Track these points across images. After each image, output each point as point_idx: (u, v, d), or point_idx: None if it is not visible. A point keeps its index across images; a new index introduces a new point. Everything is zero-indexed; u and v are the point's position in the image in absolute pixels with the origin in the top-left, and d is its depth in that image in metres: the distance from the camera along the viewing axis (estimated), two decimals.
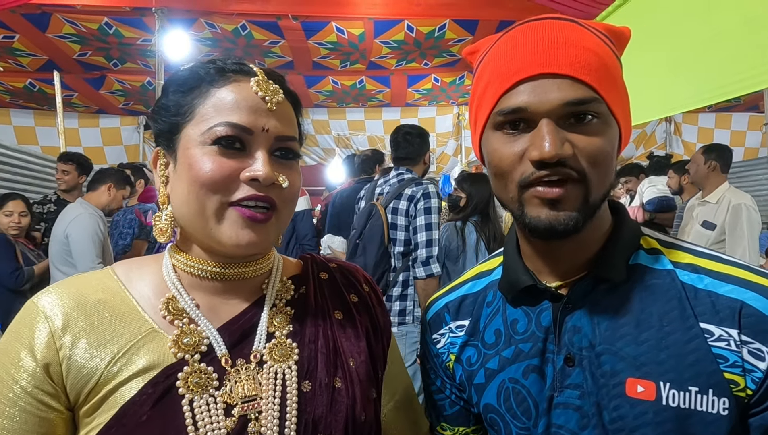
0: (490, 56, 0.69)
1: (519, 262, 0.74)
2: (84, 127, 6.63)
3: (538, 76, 0.62)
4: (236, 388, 0.64)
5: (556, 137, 0.60)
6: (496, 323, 0.76)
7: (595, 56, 0.63)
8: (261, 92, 0.66)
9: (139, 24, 4.56)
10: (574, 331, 0.67)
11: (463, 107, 7.34)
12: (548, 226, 0.63)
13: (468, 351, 0.78)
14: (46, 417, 0.60)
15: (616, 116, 0.66)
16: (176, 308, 0.67)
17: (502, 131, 0.66)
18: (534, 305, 0.72)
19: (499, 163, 0.66)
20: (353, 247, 2.66)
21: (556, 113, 0.62)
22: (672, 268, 0.67)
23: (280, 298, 0.74)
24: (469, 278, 0.85)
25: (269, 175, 0.63)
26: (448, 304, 0.83)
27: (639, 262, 0.69)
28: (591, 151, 0.62)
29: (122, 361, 0.62)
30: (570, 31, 0.64)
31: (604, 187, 0.65)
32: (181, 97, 0.67)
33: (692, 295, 0.64)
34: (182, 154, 0.66)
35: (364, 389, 0.72)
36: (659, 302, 0.65)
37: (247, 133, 0.64)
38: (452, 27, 4.78)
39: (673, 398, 0.61)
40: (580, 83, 0.62)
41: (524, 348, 0.71)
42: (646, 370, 0.63)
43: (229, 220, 0.64)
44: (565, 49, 0.62)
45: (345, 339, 0.74)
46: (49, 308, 0.63)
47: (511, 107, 0.63)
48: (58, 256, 3.08)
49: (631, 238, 0.71)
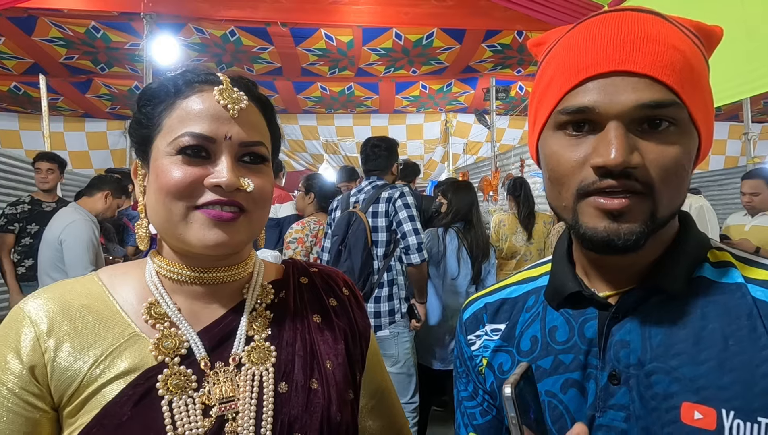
0: (558, 49, 0.62)
1: (568, 268, 0.67)
2: (69, 131, 6.59)
3: (611, 74, 0.55)
4: (214, 389, 0.66)
5: (625, 143, 0.53)
6: (533, 329, 0.69)
7: (680, 54, 0.55)
8: (223, 100, 0.67)
9: (127, 28, 4.55)
10: (621, 345, 0.59)
11: (451, 114, 7.41)
12: (606, 238, 0.56)
13: (501, 357, 0.72)
14: (32, 417, 0.62)
15: (698, 124, 0.57)
16: (158, 313, 0.69)
17: (563, 132, 0.59)
18: (578, 313, 0.65)
19: (557, 168, 0.59)
20: (336, 252, 2.72)
21: (628, 116, 0.54)
22: (744, 282, 0.58)
23: (260, 302, 0.75)
24: (512, 283, 0.78)
25: (231, 180, 0.65)
26: (487, 305, 0.77)
27: (704, 275, 0.60)
28: (663, 162, 0.55)
29: (104, 363, 0.63)
30: (652, 25, 0.56)
31: (675, 204, 0.58)
32: (151, 109, 0.69)
33: (765, 313, 0.55)
34: (153, 164, 0.68)
35: (340, 390, 0.73)
36: (725, 318, 0.56)
37: (209, 141, 0.66)
38: (440, 35, 4.84)
39: (738, 430, 0.52)
40: (659, 84, 0.54)
41: (564, 360, 0.64)
42: (705, 394, 0.54)
43: (196, 222, 0.65)
44: (645, 44, 0.55)
45: (323, 342, 0.76)
46: (35, 313, 0.65)
47: (576, 106, 0.56)
48: (48, 261, 3.02)
49: (696, 249, 0.62)
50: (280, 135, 0.79)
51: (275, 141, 0.76)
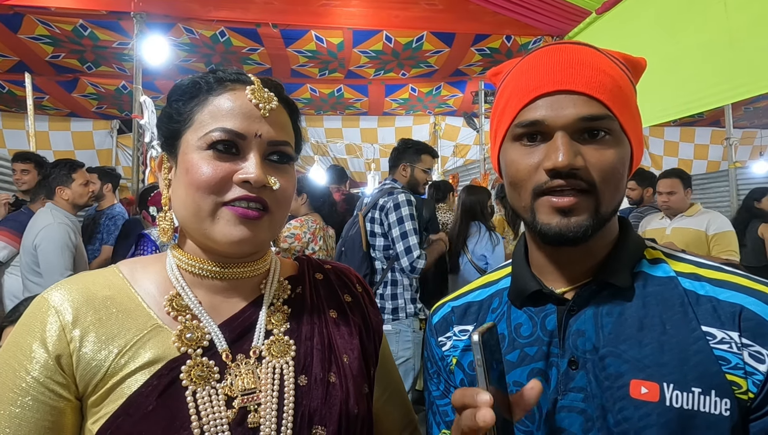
0: (512, 76, 0.73)
1: (527, 270, 0.76)
2: (54, 131, 6.48)
3: (555, 93, 0.66)
4: (236, 381, 0.67)
5: (570, 149, 0.64)
6: (500, 328, 0.76)
7: (609, 78, 0.67)
8: (255, 99, 0.70)
9: (116, 27, 4.50)
10: (578, 335, 0.68)
11: (440, 117, 7.46)
12: (558, 233, 0.66)
13: (469, 356, 0.79)
14: (56, 405, 0.63)
15: (629, 135, 0.69)
16: (180, 305, 0.70)
17: (520, 143, 0.70)
18: (539, 310, 0.73)
19: (516, 173, 0.70)
20: (338, 253, 2.89)
21: (570, 127, 0.65)
22: (675, 275, 0.69)
23: (278, 297, 0.77)
24: (476, 287, 0.86)
25: (260, 177, 0.67)
26: (454, 308, 0.85)
27: (642, 270, 0.71)
28: (602, 165, 0.66)
29: (129, 354, 0.65)
30: (586, 54, 0.69)
31: (615, 201, 0.69)
32: (182, 105, 0.71)
33: (694, 301, 0.66)
34: (182, 158, 0.70)
35: (357, 384, 0.75)
36: (662, 307, 0.67)
37: (240, 138, 0.68)
38: (429, 39, 4.87)
39: (677, 399, 0.61)
40: (594, 100, 0.65)
41: (529, 352, 0.72)
42: (649, 371, 0.63)
43: (222, 219, 0.67)
44: (581, 69, 0.67)
45: (339, 336, 0.78)
46: (59, 303, 0.66)
47: (529, 120, 0.67)
48: (26, 266, 2.97)
49: (635, 248, 0.73)
50: (302, 138, 0.81)
51: (298, 143, 0.79)
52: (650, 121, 3.27)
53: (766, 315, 0.62)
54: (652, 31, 2.83)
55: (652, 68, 3.11)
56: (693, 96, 2.62)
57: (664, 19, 2.74)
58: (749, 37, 2.28)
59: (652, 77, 2.82)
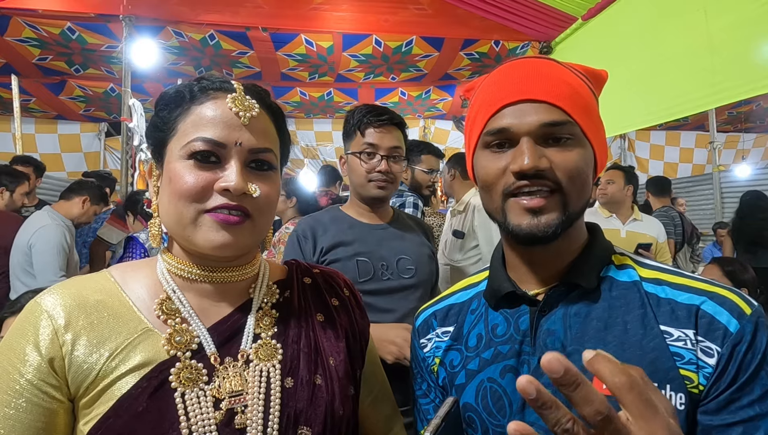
0: (481, 89, 0.79)
1: (502, 272, 0.81)
2: (41, 133, 6.42)
3: (519, 102, 0.72)
4: (224, 383, 0.69)
5: (534, 152, 0.70)
6: (478, 328, 0.81)
7: (568, 86, 0.73)
8: (235, 108, 0.71)
9: (104, 30, 4.48)
10: (548, 334, 0.73)
11: (429, 120, 7.50)
12: (529, 232, 0.71)
13: (451, 355, 0.83)
14: (49, 407, 0.64)
15: (590, 139, 0.74)
16: (170, 308, 0.72)
17: (489, 150, 0.75)
18: (514, 311, 0.78)
19: (486, 177, 0.75)
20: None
21: (534, 133, 0.71)
22: (638, 280, 0.74)
23: (266, 301, 0.79)
24: (458, 290, 0.91)
25: (239, 185, 0.68)
26: (436, 312, 0.89)
27: (609, 275, 0.76)
28: (566, 165, 0.71)
29: (119, 357, 0.66)
30: (547, 66, 0.75)
31: (581, 200, 0.74)
32: (167, 114, 0.73)
33: (655, 303, 0.71)
34: (166, 167, 0.72)
35: (343, 386, 0.77)
36: (625, 308, 0.71)
37: (220, 147, 0.69)
38: (419, 43, 4.91)
39: None
40: (555, 108, 0.71)
41: (503, 350, 0.76)
42: None
43: (204, 225, 0.69)
44: (541, 80, 0.73)
45: (326, 339, 0.80)
46: (52, 307, 0.67)
47: (496, 128, 0.73)
48: (18, 266, 2.96)
49: (603, 253, 0.78)
50: (290, 142, 0.83)
51: (284, 148, 0.80)
52: (637, 125, 3.32)
53: (717, 314, 0.67)
54: (636, 37, 2.89)
55: (636, 73, 3.18)
56: (676, 101, 2.67)
57: (648, 26, 2.79)
58: (729, 43, 2.33)
59: (637, 83, 2.86)
